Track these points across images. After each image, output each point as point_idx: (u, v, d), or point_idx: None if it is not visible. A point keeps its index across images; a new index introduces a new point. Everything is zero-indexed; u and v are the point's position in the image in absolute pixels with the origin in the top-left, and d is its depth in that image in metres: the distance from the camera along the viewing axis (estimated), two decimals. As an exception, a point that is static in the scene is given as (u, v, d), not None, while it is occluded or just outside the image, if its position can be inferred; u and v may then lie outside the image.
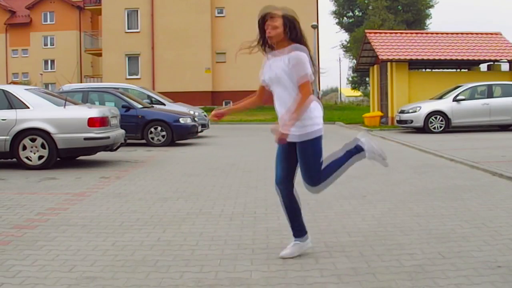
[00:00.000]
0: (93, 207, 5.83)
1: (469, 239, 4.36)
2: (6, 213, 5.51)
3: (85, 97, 13.79)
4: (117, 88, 15.63)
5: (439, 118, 16.58)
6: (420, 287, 3.31)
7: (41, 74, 49.43)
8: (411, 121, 16.85)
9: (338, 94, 75.91)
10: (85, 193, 6.65)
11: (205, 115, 17.10)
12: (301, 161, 3.83)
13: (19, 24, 52.65)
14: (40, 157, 8.90)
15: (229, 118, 26.90)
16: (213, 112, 4.15)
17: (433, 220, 5.06)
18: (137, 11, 36.72)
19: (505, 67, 21.69)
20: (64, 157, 9.39)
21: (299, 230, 4.05)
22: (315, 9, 36.71)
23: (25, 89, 9.62)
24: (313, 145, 3.78)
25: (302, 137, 3.76)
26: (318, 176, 3.85)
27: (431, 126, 16.55)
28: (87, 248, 4.23)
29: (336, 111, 33.24)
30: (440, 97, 17.47)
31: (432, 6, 49.12)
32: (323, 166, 3.86)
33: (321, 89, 54.50)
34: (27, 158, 8.90)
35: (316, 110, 3.81)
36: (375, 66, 22.96)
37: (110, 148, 9.63)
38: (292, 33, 3.82)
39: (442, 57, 20.43)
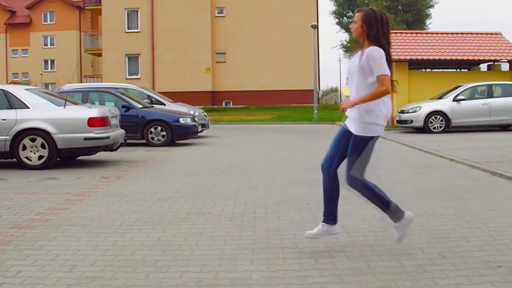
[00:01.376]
0: (93, 207, 5.83)
1: (469, 239, 4.36)
2: (6, 213, 5.51)
3: (85, 97, 13.78)
4: (117, 88, 15.62)
5: (439, 118, 16.57)
6: (420, 287, 3.31)
7: (41, 74, 49.47)
8: (411, 121, 16.85)
9: (338, 94, 75.93)
10: (85, 193, 6.66)
11: (205, 115, 17.09)
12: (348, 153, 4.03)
13: (19, 24, 52.66)
14: (40, 157, 8.90)
15: (229, 118, 26.92)
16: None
17: (433, 220, 5.06)
18: (137, 11, 36.73)
19: (505, 67, 21.67)
20: (64, 157, 9.39)
21: (329, 217, 4.13)
22: (315, 9, 36.71)
23: (25, 89, 9.62)
24: (357, 143, 3.95)
25: (357, 131, 3.94)
26: (347, 175, 4.03)
27: (431, 126, 16.54)
28: (87, 248, 4.24)
29: (336, 111, 33.21)
30: (440, 97, 17.46)
31: (432, 6, 49.11)
32: (363, 178, 4.06)
33: (321, 89, 54.56)
34: (27, 158, 8.90)
35: (380, 111, 3.93)
36: (375, 66, 22.90)
37: (110, 148, 9.63)
38: (370, 30, 3.92)
39: (442, 57, 20.41)
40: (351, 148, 3.99)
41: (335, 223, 4.15)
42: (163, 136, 13.35)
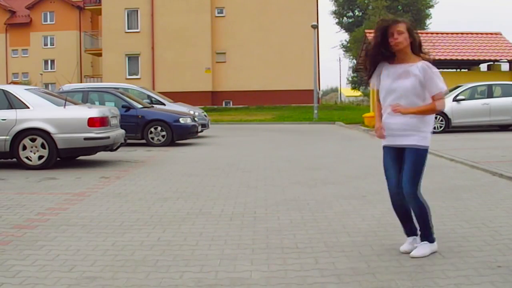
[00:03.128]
0: (93, 207, 5.83)
1: (469, 239, 4.36)
2: (6, 213, 5.51)
3: (85, 97, 13.78)
4: (117, 88, 15.62)
5: (439, 118, 16.55)
6: (420, 287, 3.31)
7: (41, 74, 49.42)
8: (411, 121, 16.82)
9: (338, 94, 75.98)
10: (85, 193, 6.66)
11: (205, 115, 17.08)
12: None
13: (19, 24, 52.62)
14: (40, 157, 8.90)
15: (229, 118, 26.92)
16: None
17: (433, 220, 5.05)
18: (137, 11, 36.72)
19: (505, 67, 21.68)
20: (64, 157, 9.39)
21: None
22: (315, 9, 36.69)
23: (25, 89, 9.62)
24: (417, 155, 3.91)
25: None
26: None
27: (431, 126, 16.52)
28: (87, 248, 4.24)
29: (336, 111, 33.26)
30: (440, 97, 17.44)
31: (432, 6, 49.17)
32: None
33: (321, 89, 54.56)
34: (27, 158, 8.90)
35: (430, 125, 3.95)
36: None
37: (110, 148, 9.63)
38: (414, 42, 3.93)
39: (442, 57, 20.41)
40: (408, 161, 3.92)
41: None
42: (163, 136, 13.35)
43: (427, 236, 3.97)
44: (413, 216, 4.02)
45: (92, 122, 9.02)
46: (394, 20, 3.91)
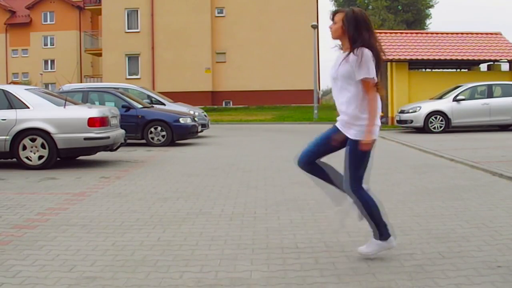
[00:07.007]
0: (93, 207, 5.83)
1: (469, 239, 4.36)
2: (6, 213, 5.51)
3: (85, 97, 13.78)
4: (117, 88, 15.62)
5: (439, 118, 16.57)
6: (420, 287, 3.31)
7: (41, 74, 49.43)
8: (411, 121, 16.85)
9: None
10: (85, 193, 6.65)
11: (205, 115, 17.08)
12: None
13: (19, 24, 52.65)
14: (40, 157, 8.90)
15: (229, 118, 26.91)
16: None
17: (433, 220, 5.06)
18: (137, 11, 36.73)
19: (505, 67, 21.67)
20: (64, 157, 9.39)
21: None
22: (315, 9, 36.71)
23: (25, 89, 9.62)
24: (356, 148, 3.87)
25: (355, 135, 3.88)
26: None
27: (431, 126, 16.54)
28: (87, 248, 4.24)
29: (336, 111, 33.20)
30: (440, 97, 17.46)
31: (432, 6, 49.20)
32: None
33: (321, 89, 54.54)
34: (27, 158, 8.90)
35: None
36: (375, 66, 22.92)
37: (110, 148, 9.63)
38: (350, 31, 3.76)
39: (442, 57, 20.41)
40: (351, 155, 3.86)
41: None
42: (163, 136, 13.35)
43: (375, 233, 3.89)
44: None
45: (92, 122, 9.02)
46: (336, 10, 3.93)
